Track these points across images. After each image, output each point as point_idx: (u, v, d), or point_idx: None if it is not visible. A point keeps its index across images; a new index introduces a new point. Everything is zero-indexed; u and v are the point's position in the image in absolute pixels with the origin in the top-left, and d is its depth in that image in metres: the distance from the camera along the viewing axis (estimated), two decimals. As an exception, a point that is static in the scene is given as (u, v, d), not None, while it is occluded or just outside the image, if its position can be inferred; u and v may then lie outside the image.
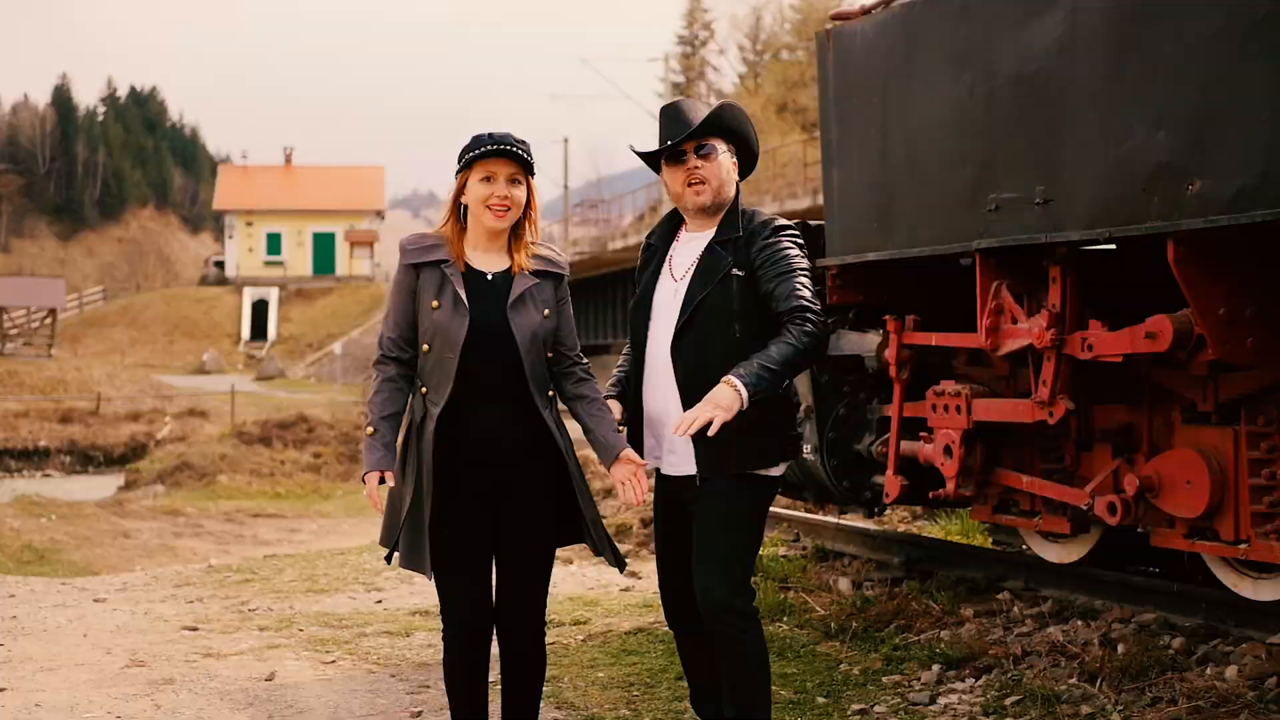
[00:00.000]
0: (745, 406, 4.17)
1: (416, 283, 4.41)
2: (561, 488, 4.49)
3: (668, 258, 4.65)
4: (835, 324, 7.36)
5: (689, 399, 4.35)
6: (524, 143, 4.41)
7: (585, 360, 4.62)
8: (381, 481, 4.36)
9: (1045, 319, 5.70)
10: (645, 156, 4.69)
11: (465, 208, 4.46)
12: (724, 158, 4.57)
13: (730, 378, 4.20)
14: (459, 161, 4.40)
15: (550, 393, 4.49)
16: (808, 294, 4.39)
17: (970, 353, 6.68)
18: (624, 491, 4.38)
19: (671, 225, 4.74)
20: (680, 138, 4.51)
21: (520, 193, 4.39)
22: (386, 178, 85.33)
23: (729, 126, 4.61)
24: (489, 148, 4.34)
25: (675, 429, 4.20)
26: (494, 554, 4.48)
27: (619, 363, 4.85)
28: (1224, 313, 5.01)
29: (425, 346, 4.38)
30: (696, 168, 4.52)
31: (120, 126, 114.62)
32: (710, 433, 4.12)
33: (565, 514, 4.52)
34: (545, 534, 4.48)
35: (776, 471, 4.52)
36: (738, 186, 4.66)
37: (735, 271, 4.43)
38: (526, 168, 4.40)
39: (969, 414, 6.34)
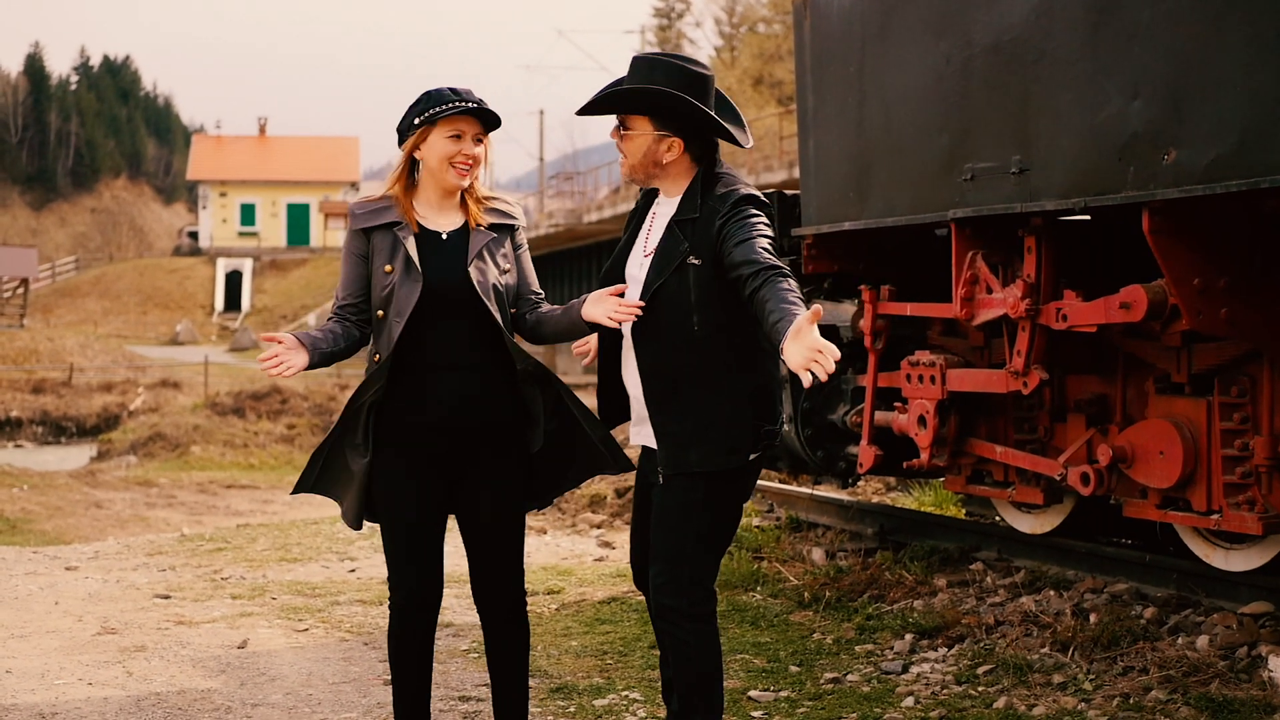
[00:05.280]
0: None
1: (369, 247, 4.27)
2: (531, 449, 4.39)
3: (650, 215, 4.31)
4: (810, 294, 7.36)
5: (650, 387, 4.16)
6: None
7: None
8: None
9: (1020, 289, 5.70)
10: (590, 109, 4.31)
11: (414, 165, 4.32)
12: (641, 140, 4.16)
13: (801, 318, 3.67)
14: (419, 116, 4.21)
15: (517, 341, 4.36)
16: (771, 256, 4.00)
17: (945, 323, 6.69)
18: (616, 312, 4.13)
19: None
20: (581, 107, 4.19)
21: (481, 151, 4.28)
22: (362, 149, 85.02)
23: (654, 104, 4.11)
24: (463, 105, 4.19)
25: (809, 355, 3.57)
26: (460, 523, 4.38)
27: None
28: (1198, 283, 5.02)
29: (379, 312, 4.23)
30: (620, 140, 4.22)
31: (93, 96, 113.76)
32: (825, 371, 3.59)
33: (537, 474, 4.44)
34: (517, 501, 4.37)
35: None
36: (711, 160, 4.21)
37: (693, 260, 4.08)
38: (492, 127, 4.28)
39: (943, 384, 6.35)
